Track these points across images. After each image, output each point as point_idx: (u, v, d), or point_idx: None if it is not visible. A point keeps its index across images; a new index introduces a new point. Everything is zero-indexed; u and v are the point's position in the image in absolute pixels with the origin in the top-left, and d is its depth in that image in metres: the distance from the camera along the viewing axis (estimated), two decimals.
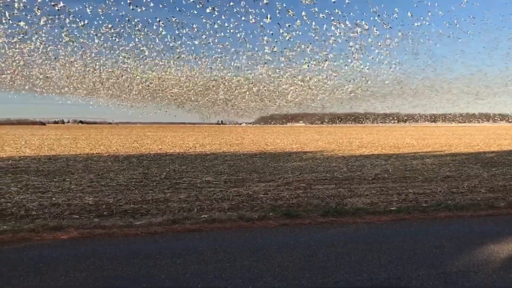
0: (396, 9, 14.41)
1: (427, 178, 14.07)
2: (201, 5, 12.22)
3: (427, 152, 26.68)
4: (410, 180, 13.56)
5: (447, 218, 8.45)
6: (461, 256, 5.96)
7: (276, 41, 15.82)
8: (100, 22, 14.72)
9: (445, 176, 14.46)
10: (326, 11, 13.63)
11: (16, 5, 11.76)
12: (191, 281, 5.02)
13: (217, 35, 15.63)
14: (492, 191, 11.57)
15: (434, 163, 19.08)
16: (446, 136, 56.44)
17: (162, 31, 15.30)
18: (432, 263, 5.67)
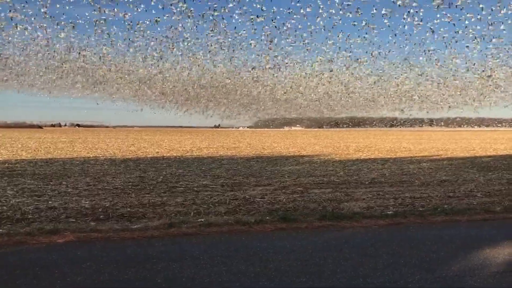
0: None
1: (423, 182, 14.11)
2: None
3: (424, 156, 26.76)
4: (407, 184, 13.59)
5: (443, 222, 8.48)
6: (457, 260, 5.97)
7: None
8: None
9: (441, 180, 14.51)
10: None
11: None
12: (188, 285, 5.01)
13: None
14: (488, 195, 11.62)
15: (431, 167, 19.14)
16: (442, 140, 56.61)
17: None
18: (429, 267, 5.69)
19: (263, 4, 12.80)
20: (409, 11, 12.86)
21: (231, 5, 12.44)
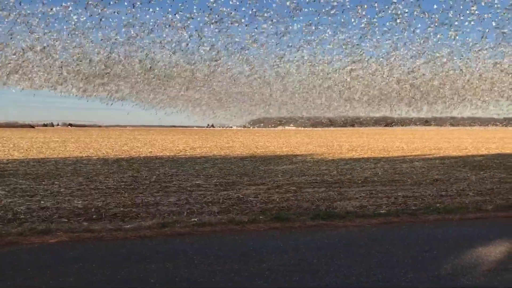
0: None
1: (416, 181, 14.19)
2: None
3: (416, 156, 26.90)
4: (399, 183, 13.66)
5: (435, 221, 8.52)
6: (450, 259, 6.01)
7: None
8: None
9: (434, 179, 14.60)
10: None
11: None
12: (181, 285, 5.00)
13: None
14: (480, 194, 11.70)
15: (423, 167, 19.25)
16: (435, 140, 56.94)
17: None
18: (421, 266, 5.72)
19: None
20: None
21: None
